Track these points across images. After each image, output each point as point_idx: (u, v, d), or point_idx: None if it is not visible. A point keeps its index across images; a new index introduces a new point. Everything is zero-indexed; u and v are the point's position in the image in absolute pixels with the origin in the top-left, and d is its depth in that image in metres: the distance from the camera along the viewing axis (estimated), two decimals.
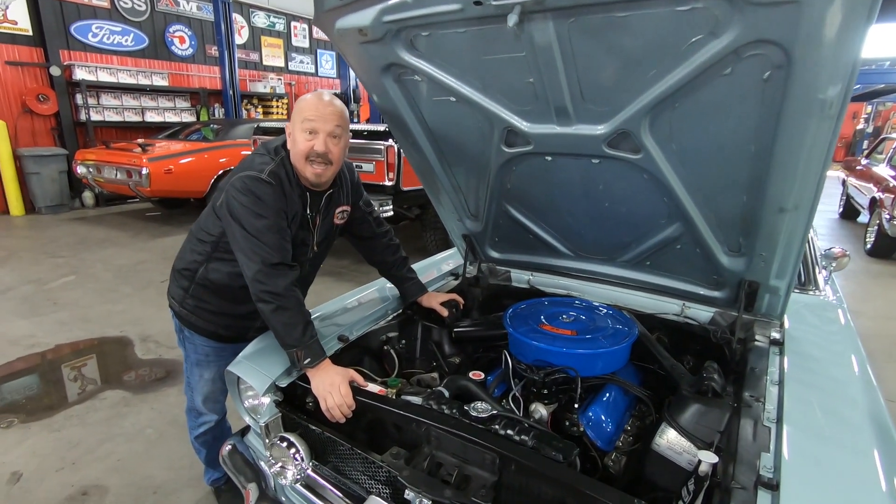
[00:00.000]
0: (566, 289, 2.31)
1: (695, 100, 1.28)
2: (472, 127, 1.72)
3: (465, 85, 1.57)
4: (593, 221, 1.92)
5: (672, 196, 1.58)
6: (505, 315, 1.91)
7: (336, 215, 1.84)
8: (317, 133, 1.56)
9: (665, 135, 1.41)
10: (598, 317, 1.91)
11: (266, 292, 1.51)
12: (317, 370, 1.51)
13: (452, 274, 2.49)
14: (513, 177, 1.88)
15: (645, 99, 1.33)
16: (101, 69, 9.15)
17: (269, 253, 1.52)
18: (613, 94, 1.38)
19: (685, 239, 1.75)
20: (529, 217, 2.06)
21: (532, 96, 1.50)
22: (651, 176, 1.56)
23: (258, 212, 1.54)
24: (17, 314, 4.41)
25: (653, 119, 1.38)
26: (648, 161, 1.50)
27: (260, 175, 1.55)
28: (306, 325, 1.53)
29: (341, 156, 1.64)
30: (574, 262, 2.18)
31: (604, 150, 1.54)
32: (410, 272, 2.09)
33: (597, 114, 1.46)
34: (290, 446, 1.38)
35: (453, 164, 1.96)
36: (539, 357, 1.70)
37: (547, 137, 1.61)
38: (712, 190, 1.51)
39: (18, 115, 8.40)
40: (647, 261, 1.97)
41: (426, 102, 1.71)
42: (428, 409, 1.36)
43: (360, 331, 1.88)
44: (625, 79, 1.32)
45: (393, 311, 2.07)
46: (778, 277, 1.65)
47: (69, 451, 2.65)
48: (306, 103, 1.57)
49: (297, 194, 1.64)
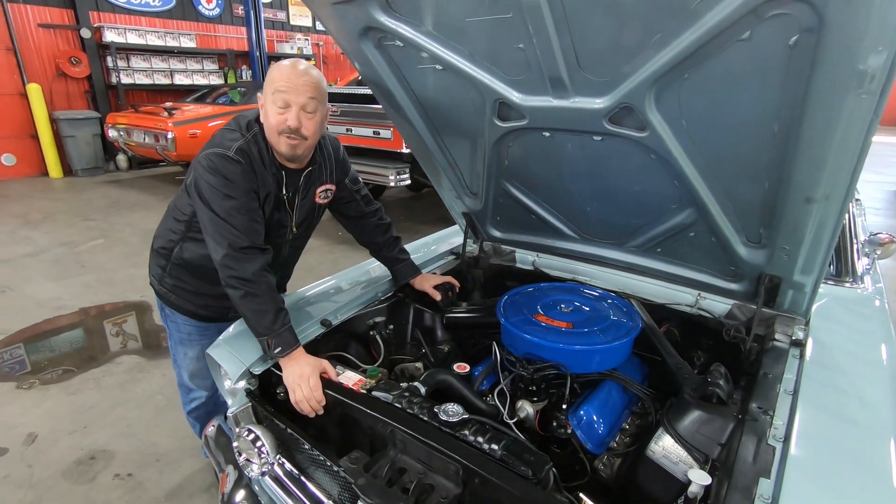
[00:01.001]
0: (573, 272, 2.15)
1: (707, 70, 1.08)
2: (462, 99, 1.56)
3: (450, 52, 1.40)
4: (599, 203, 1.75)
5: (683, 179, 1.40)
6: (499, 302, 1.79)
7: (318, 195, 1.73)
8: (289, 106, 1.44)
9: (673, 111, 1.22)
10: (600, 307, 1.77)
11: (234, 278, 1.43)
12: (288, 360, 1.44)
13: (453, 253, 2.37)
14: (510, 153, 1.72)
15: (650, 68, 1.13)
16: (129, 31, 9.17)
17: (238, 236, 1.43)
18: (613, 62, 1.19)
19: (699, 226, 1.56)
20: (530, 196, 1.89)
21: (524, 64, 1.32)
22: (659, 157, 1.37)
23: (226, 192, 1.44)
24: (47, 276, 4.58)
25: (659, 92, 1.19)
26: (655, 140, 1.31)
27: (227, 153, 1.45)
28: (277, 311, 1.46)
29: (317, 130, 1.51)
30: (580, 245, 2.02)
31: (605, 126, 1.36)
32: (402, 253, 1.97)
33: (596, 85, 1.27)
34: (255, 440, 1.32)
35: (447, 139, 1.81)
36: (530, 350, 1.58)
37: (542, 111, 1.43)
38: (728, 174, 1.31)
39: (53, 78, 8.56)
40: (657, 247, 1.79)
41: (411, 71, 1.55)
42: (394, 410, 1.27)
43: (346, 315, 1.79)
44: (625, 44, 1.13)
45: (384, 293, 1.97)
46: (804, 273, 1.46)
47: (83, 415, 2.74)
48: (278, 72, 1.44)
49: (271, 173, 1.54)
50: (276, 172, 1.55)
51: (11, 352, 3.39)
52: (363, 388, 1.46)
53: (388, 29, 1.39)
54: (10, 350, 3.41)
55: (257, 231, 1.49)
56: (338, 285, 1.95)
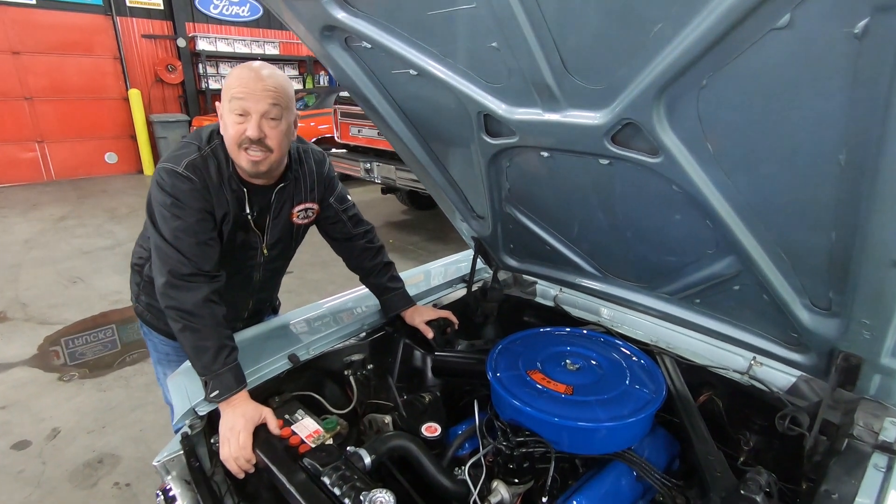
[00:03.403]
0: (599, 314, 1.81)
1: (732, 74, 0.75)
2: (446, 109, 1.30)
3: (421, 54, 1.15)
4: (618, 239, 1.41)
5: (716, 220, 1.04)
6: (493, 350, 1.51)
7: (295, 214, 1.55)
8: (248, 114, 1.26)
9: (693, 130, 0.88)
10: (617, 366, 1.43)
11: (172, 308, 1.28)
12: (226, 406, 1.26)
13: (465, 280, 2.10)
14: (509, 175, 1.43)
15: (651, 72, 0.82)
16: (219, 40, 9.80)
17: (181, 262, 1.28)
18: (606, 63, 0.88)
19: (745, 280, 1.18)
20: (539, 225, 1.59)
21: (502, 69, 1.04)
22: (682, 189, 1.03)
23: (172, 212, 1.30)
24: (115, 269, 4.88)
25: (670, 105, 0.86)
26: (672, 168, 0.98)
27: (175, 168, 1.30)
28: (219, 349, 1.29)
29: (283, 140, 1.33)
30: (603, 284, 1.68)
31: (608, 147, 1.04)
32: (394, 280, 1.74)
33: (590, 95, 0.96)
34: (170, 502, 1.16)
35: (440, 154, 1.55)
36: (516, 418, 1.29)
37: (532, 126, 1.14)
38: (778, 219, 0.95)
39: (151, 84, 9.35)
40: (695, 298, 1.41)
41: (387, 77, 1.32)
42: (310, 489, 1.04)
43: (319, 349, 1.60)
44: (615, 39, 0.82)
45: (371, 325, 1.76)
46: (894, 356, 1.04)
47: (105, 413, 2.80)
48: (234, 77, 1.28)
49: (231, 189, 1.37)
50: (238, 189, 1.39)
51: (65, 343, 3.59)
52: (316, 441, 1.25)
53: (350, 28, 1.17)
54: (64, 341, 3.61)
55: (207, 256, 1.33)
56: (320, 314, 1.76)
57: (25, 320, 3.89)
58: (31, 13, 8.12)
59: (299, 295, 4.35)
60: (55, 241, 5.65)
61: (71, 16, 8.44)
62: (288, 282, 4.59)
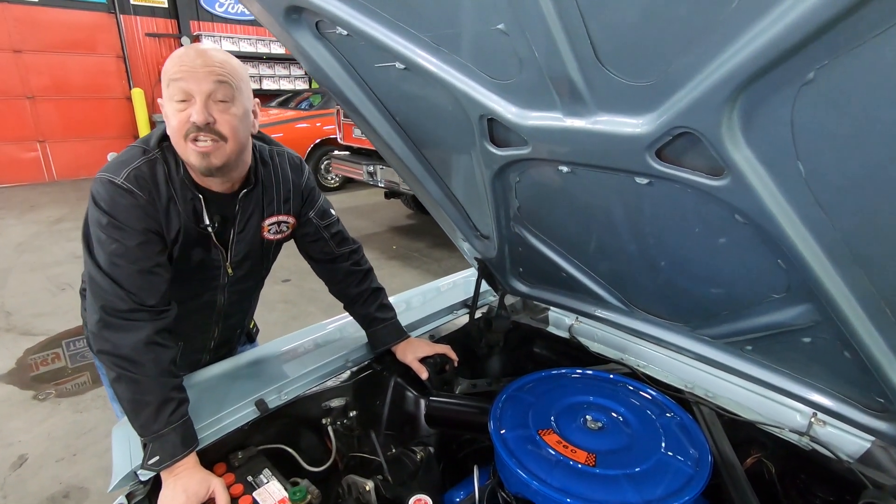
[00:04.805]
0: (622, 349, 1.56)
1: (857, 63, 0.49)
2: (441, 112, 1.06)
3: (408, 42, 0.90)
4: (650, 269, 1.15)
5: (794, 260, 0.78)
6: (498, 398, 1.27)
7: (265, 228, 1.31)
8: (190, 97, 1.02)
9: (779, 143, 0.63)
10: (648, 424, 1.17)
11: (106, 354, 1.04)
12: (168, 475, 1.03)
13: (468, 305, 1.85)
14: (518, 191, 1.18)
15: (727, 61, 0.56)
16: (224, 38, 9.63)
17: (117, 296, 1.05)
18: (657, 50, 0.63)
19: (821, 332, 0.92)
20: (555, 249, 1.34)
21: (512, 60, 0.79)
22: (748, 219, 0.77)
23: (109, 234, 1.06)
24: None
25: (749, 109, 0.61)
26: (740, 193, 0.72)
27: (114, 179, 1.07)
28: (162, 404, 1.05)
29: (239, 127, 1.08)
30: (628, 318, 1.42)
31: (650, 163, 0.79)
32: (383, 310, 1.50)
33: (630, 94, 0.71)
34: None
35: (436, 164, 1.31)
36: (523, 493, 1.04)
37: (550, 135, 0.89)
38: (890, 265, 0.69)
39: (155, 83, 9.18)
40: (746, 344, 1.15)
41: (369, 71, 1.07)
42: None
43: (292, 394, 1.35)
44: (677, 15, 0.57)
45: (357, 361, 1.51)
46: None
47: (77, 439, 2.58)
48: (171, 59, 1.04)
49: (185, 199, 1.13)
50: (193, 198, 1.15)
51: (45, 357, 3.39)
52: None
53: (321, 10, 0.93)
54: (43, 355, 3.41)
55: (152, 287, 1.09)
56: (296, 347, 1.52)
57: (7, 330, 3.70)
58: (33, 11, 7.99)
59: (296, 305, 4.12)
60: (48, 245, 5.48)
61: (74, 14, 8.30)
62: (285, 291, 4.38)
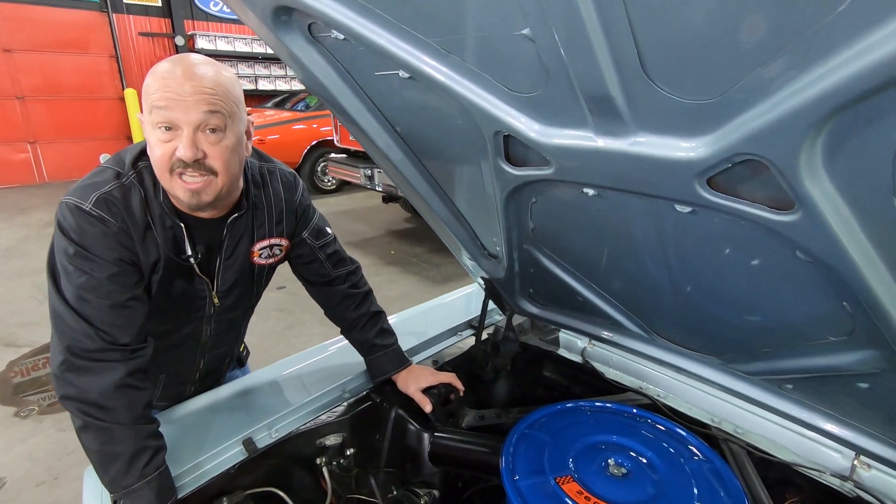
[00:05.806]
0: (641, 377, 1.45)
1: None
2: (450, 126, 0.94)
3: (413, 48, 0.78)
4: (681, 300, 1.04)
5: (865, 304, 0.67)
6: (510, 437, 1.15)
7: (256, 252, 1.19)
8: (176, 128, 0.91)
9: (868, 177, 0.52)
10: (677, 469, 1.05)
11: (70, 399, 0.92)
12: None
13: (473, 326, 1.74)
14: (534, 213, 1.07)
15: (821, 80, 0.45)
16: (219, 38, 9.49)
17: (85, 335, 0.93)
18: (721, 63, 0.51)
19: (884, 381, 0.81)
20: (571, 273, 1.22)
21: (537, 69, 0.68)
22: (813, 258, 0.66)
23: (76, 265, 0.94)
24: None
25: (837, 136, 0.50)
26: (811, 229, 0.61)
27: (82, 205, 0.95)
28: (135, 455, 0.93)
29: (231, 159, 0.96)
30: (649, 346, 1.31)
31: (699, 192, 0.68)
32: (383, 335, 1.38)
33: (681, 112, 0.60)
34: None
35: (441, 181, 1.19)
36: None
37: (578, 156, 0.77)
38: None
39: None
40: (787, 383, 1.04)
41: (368, 80, 0.96)
42: None
43: (282, 431, 1.24)
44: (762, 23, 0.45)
45: (355, 392, 1.40)
46: None
47: (60, 461, 2.45)
48: (153, 77, 0.91)
49: (164, 227, 1.02)
50: (173, 226, 1.03)
51: (28, 369, 3.26)
52: None
53: (314, 11, 0.81)
54: (27, 367, 3.28)
55: (126, 324, 0.97)
56: (288, 376, 1.40)
57: None
58: (23, 9, 7.82)
59: (291, 314, 4.00)
60: (37, 250, 5.33)
61: (65, 12, 8.14)
62: (280, 299, 4.25)
